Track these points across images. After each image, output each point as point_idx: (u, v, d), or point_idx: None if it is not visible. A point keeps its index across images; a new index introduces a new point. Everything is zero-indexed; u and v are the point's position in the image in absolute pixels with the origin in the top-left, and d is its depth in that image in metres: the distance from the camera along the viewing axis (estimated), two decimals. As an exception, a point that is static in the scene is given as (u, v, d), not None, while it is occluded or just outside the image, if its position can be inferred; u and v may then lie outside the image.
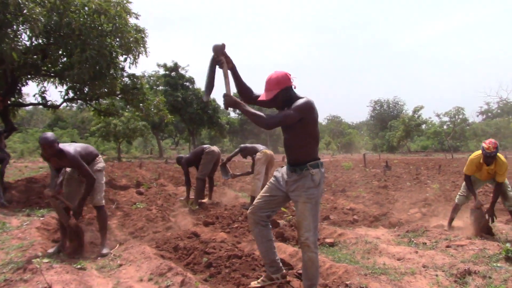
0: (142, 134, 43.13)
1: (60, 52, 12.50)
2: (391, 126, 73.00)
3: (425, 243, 6.09)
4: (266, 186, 4.16)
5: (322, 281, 4.40)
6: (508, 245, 5.08)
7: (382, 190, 12.48)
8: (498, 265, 4.67)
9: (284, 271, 4.26)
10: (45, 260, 4.79)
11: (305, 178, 3.77)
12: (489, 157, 6.52)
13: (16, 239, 6.30)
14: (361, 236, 6.44)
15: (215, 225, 7.43)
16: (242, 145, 10.46)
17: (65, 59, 12.80)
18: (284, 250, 5.57)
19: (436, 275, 4.65)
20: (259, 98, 3.95)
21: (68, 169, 5.89)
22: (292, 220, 7.40)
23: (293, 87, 3.91)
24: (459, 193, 7.46)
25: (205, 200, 10.01)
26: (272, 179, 4.13)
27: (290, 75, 3.87)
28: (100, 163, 6.03)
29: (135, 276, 4.72)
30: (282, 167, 4.19)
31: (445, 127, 67.50)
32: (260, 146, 10.07)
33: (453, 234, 6.40)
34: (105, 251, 5.68)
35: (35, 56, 11.98)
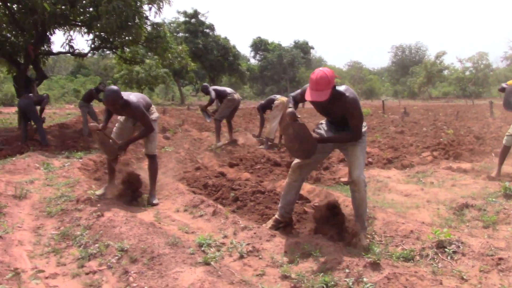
0: (164, 81, 43.71)
1: (86, 1, 12.93)
2: (412, 72, 72.14)
3: (432, 182, 6.64)
4: None
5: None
6: (507, 183, 5.58)
7: (398, 135, 12.95)
8: (494, 199, 5.21)
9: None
10: (98, 192, 5.50)
11: None
12: None
13: (62, 177, 7.03)
14: (374, 176, 7.02)
15: (239, 166, 8.08)
16: (259, 105, 12.20)
17: (91, 9, 13.24)
18: (303, 187, 6.16)
19: (438, 209, 5.23)
20: (312, 99, 3.95)
21: (120, 118, 5.87)
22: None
23: None
24: (506, 134, 6.94)
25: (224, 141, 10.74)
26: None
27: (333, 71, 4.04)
28: (155, 113, 5.96)
29: (172, 208, 5.40)
30: (321, 123, 4.62)
31: (467, 73, 66.58)
32: (276, 96, 11.44)
33: (459, 175, 6.91)
34: (155, 201, 5.68)
35: (63, 7, 12.42)
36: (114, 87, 5.30)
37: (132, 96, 5.51)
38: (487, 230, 4.45)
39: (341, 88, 4.08)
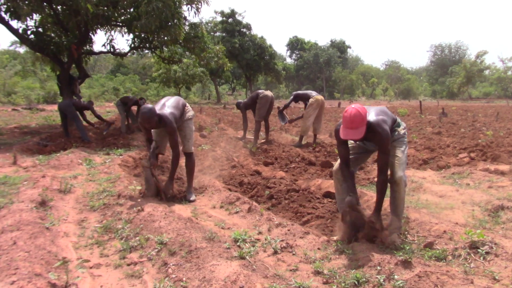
0: (201, 80, 44.26)
1: (127, 2, 13.28)
2: (452, 71, 70.69)
3: (468, 184, 6.60)
4: (353, 147, 4.60)
5: (369, 212, 5.07)
6: (545, 186, 5.53)
7: (435, 136, 12.81)
8: (531, 201, 5.17)
9: None
10: (139, 187, 5.72)
11: (392, 134, 4.36)
12: None
13: (103, 173, 7.30)
14: (409, 176, 7.00)
15: (274, 165, 8.20)
16: (294, 92, 11.60)
17: (132, 9, 13.60)
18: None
19: (473, 210, 5.22)
20: (348, 138, 3.99)
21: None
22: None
23: None
24: None
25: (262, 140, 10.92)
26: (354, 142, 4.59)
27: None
28: (190, 112, 6.13)
29: (208, 204, 5.58)
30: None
31: (509, 72, 64.81)
32: (312, 93, 11.12)
33: (496, 176, 6.84)
34: (192, 197, 5.79)
35: (105, 8, 12.81)
36: (149, 105, 5.43)
37: (166, 108, 5.66)
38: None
39: (372, 117, 4.10)
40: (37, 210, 4.76)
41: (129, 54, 17.46)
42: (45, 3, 12.86)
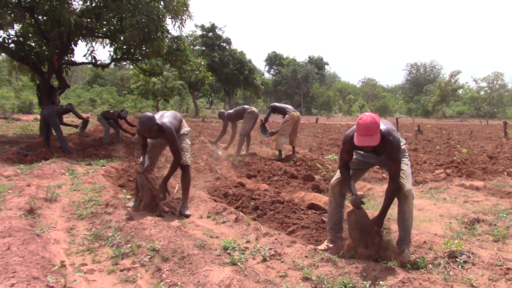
0: (180, 93, 44.23)
1: (111, 15, 13.36)
2: (426, 90, 72.24)
3: (445, 198, 6.85)
4: (352, 162, 4.55)
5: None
6: (518, 201, 5.80)
7: (412, 152, 13.14)
8: (504, 215, 5.43)
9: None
10: (128, 196, 5.79)
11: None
12: None
13: (87, 183, 7.34)
14: (388, 190, 7.24)
15: (257, 178, 8.35)
16: (272, 104, 11.90)
17: (115, 21, 13.67)
18: (320, 199, 6.41)
19: (450, 222, 5.46)
20: (364, 144, 4.02)
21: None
22: (326, 176, 8.27)
23: None
24: None
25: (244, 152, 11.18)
26: (356, 156, 4.63)
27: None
28: (186, 127, 6.20)
29: (195, 214, 5.69)
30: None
31: (482, 92, 66.53)
32: (289, 108, 11.44)
33: (471, 191, 7.11)
34: (187, 211, 5.74)
35: (88, 20, 12.86)
36: (149, 114, 5.39)
37: (165, 118, 5.66)
38: (497, 244, 4.66)
39: (382, 126, 4.13)
40: (26, 217, 4.80)
41: (111, 65, 17.49)
42: (27, 13, 12.85)
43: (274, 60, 79.89)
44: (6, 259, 3.45)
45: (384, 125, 4.18)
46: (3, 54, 17.67)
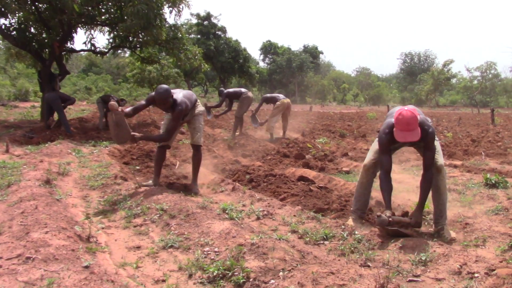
0: (175, 81, 44.61)
1: (111, 4, 13.81)
2: (420, 79, 72.70)
3: (424, 174, 7.47)
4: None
5: (337, 193, 5.86)
6: (488, 174, 6.41)
7: (400, 136, 13.74)
8: (473, 185, 6.06)
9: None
10: (138, 167, 6.37)
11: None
12: None
13: (94, 161, 7.90)
14: (372, 167, 7.86)
15: (251, 157, 8.97)
16: (263, 96, 13.24)
17: (114, 10, 14.11)
18: (309, 174, 7.02)
19: (425, 192, 6.08)
20: (407, 140, 4.10)
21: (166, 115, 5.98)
22: (316, 155, 8.89)
23: None
24: None
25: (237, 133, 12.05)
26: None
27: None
28: (200, 107, 6.17)
29: (196, 185, 6.28)
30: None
31: (475, 82, 67.06)
32: (280, 96, 12.63)
33: (449, 168, 7.74)
34: (196, 190, 5.89)
35: (90, 8, 13.32)
36: (165, 86, 5.44)
37: (181, 95, 5.67)
38: (464, 208, 5.28)
39: (421, 119, 4.16)
40: (44, 186, 5.37)
41: (109, 53, 17.91)
42: (29, 1, 13.28)
43: (269, 48, 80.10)
44: (36, 216, 4.02)
45: (417, 114, 4.13)
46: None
